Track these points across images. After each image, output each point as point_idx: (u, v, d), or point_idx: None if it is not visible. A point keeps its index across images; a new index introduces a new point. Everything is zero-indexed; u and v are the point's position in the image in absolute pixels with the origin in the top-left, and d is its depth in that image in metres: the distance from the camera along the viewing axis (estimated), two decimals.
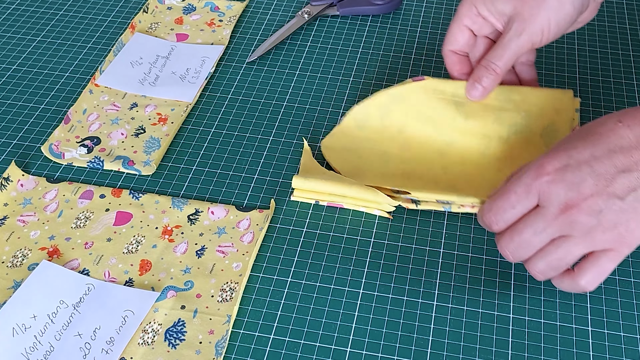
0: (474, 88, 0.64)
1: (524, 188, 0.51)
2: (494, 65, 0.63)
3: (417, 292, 0.57)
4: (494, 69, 0.63)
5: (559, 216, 0.50)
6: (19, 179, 0.65)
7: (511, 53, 0.62)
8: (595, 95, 0.74)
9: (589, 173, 0.50)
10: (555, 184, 0.50)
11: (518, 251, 0.53)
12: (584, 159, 0.50)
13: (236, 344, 0.54)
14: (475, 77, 0.64)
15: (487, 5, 0.63)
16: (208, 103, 0.73)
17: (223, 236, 0.61)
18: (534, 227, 0.51)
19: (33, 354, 0.52)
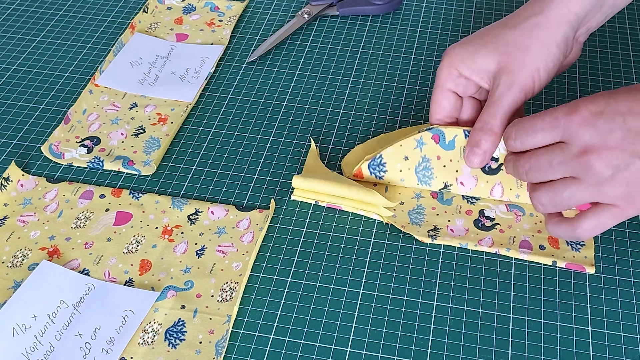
0: (474, 154, 0.58)
1: (552, 120, 0.51)
2: (489, 125, 0.57)
3: (417, 292, 0.57)
4: (491, 129, 0.57)
5: (578, 157, 0.50)
6: (19, 179, 0.65)
7: (505, 109, 0.57)
8: None
9: (620, 126, 0.49)
10: (584, 126, 0.49)
11: (532, 172, 0.53)
12: (620, 111, 0.49)
13: (236, 344, 0.54)
14: (473, 142, 0.58)
15: (467, 64, 0.59)
16: (208, 103, 0.73)
17: (223, 236, 0.61)
18: (552, 158, 0.51)
19: (33, 354, 0.52)
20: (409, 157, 0.62)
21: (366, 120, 0.71)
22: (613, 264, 0.59)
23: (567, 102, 0.52)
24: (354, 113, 0.72)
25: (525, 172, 0.53)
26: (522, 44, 0.57)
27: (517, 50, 0.57)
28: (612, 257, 0.59)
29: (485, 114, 0.58)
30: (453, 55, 0.60)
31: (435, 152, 0.61)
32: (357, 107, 0.73)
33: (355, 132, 0.70)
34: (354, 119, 0.71)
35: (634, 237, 0.61)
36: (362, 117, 0.72)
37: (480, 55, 0.58)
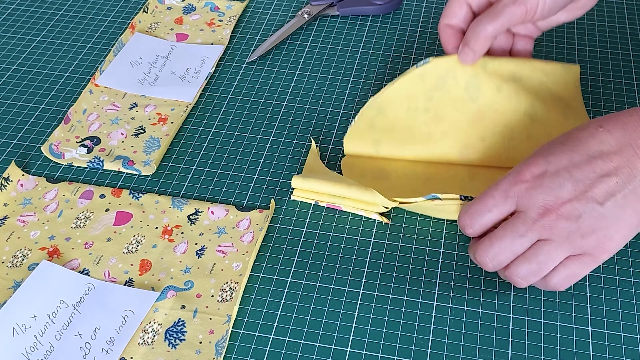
0: (464, 52, 0.62)
1: (501, 193, 0.51)
2: (482, 27, 0.61)
3: (417, 292, 0.57)
4: (484, 31, 0.61)
5: (539, 220, 0.50)
6: (19, 179, 0.65)
7: (504, 18, 0.60)
8: (595, 95, 0.74)
9: (567, 179, 0.50)
10: (533, 189, 0.50)
11: (498, 257, 0.52)
12: (563, 166, 0.50)
13: (236, 344, 0.54)
14: (466, 40, 0.62)
15: None
16: (208, 103, 0.73)
17: (223, 236, 0.61)
18: (514, 232, 0.51)
19: (33, 354, 0.52)
20: None
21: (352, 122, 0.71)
22: (613, 264, 0.59)
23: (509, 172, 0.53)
24: (354, 113, 0.72)
25: (491, 259, 0.53)
26: None
27: None
28: (612, 257, 0.59)
29: (483, 17, 0.61)
30: None
31: None
32: (357, 107, 0.73)
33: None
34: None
35: (634, 237, 0.61)
36: None
37: None
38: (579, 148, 0.50)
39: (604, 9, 0.85)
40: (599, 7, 0.85)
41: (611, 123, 0.50)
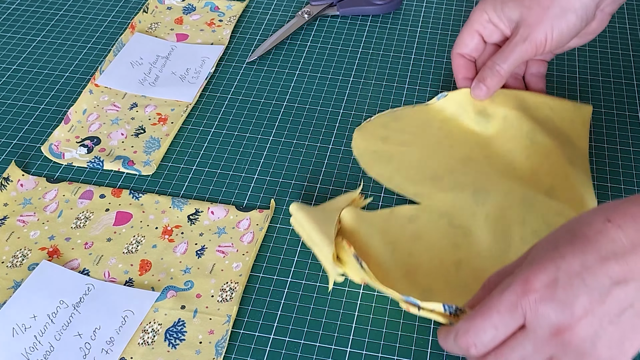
0: (479, 88, 0.67)
1: (508, 306, 0.45)
2: (498, 67, 0.66)
3: None
4: (498, 71, 0.66)
5: (550, 340, 0.45)
6: (19, 179, 0.65)
7: (516, 56, 0.65)
8: (595, 95, 0.74)
9: (581, 288, 0.44)
10: (544, 303, 0.44)
11: None
12: (575, 271, 0.44)
13: (236, 344, 0.54)
14: (480, 77, 0.67)
15: (497, 12, 0.66)
16: (208, 103, 0.73)
17: (223, 236, 0.61)
18: (522, 352, 0.45)
19: (33, 354, 0.52)
20: None
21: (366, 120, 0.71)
22: None
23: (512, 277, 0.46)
24: (354, 113, 0.72)
25: None
26: (544, 3, 0.64)
27: (538, 8, 0.64)
28: None
29: (498, 56, 0.66)
30: (486, 2, 0.67)
31: None
32: (357, 107, 0.73)
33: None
34: (354, 119, 0.71)
35: None
36: (362, 117, 0.72)
37: (508, 6, 0.66)
38: (589, 249, 0.45)
39: None
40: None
41: (620, 216, 0.45)
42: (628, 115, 0.71)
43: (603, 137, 0.69)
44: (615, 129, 0.70)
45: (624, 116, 0.71)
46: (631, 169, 0.66)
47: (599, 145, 0.68)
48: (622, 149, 0.68)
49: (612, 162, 0.67)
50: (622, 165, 0.67)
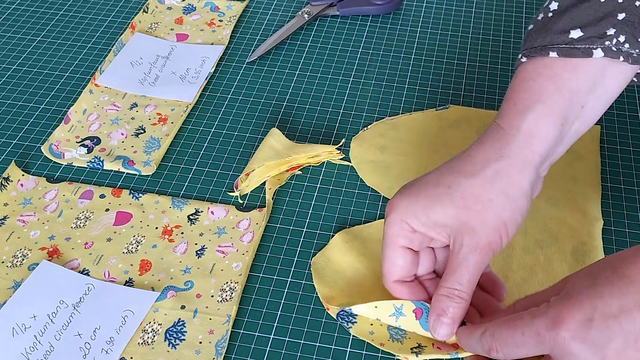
0: (440, 323, 0.50)
1: (533, 334, 0.43)
2: (456, 292, 0.49)
3: None
4: (459, 296, 0.49)
5: None
6: (19, 179, 0.65)
7: (472, 271, 0.49)
8: None
9: (617, 332, 0.41)
10: (576, 342, 0.41)
11: None
12: (612, 313, 0.41)
13: (236, 344, 0.54)
14: (439, 310, 0.50)
15: (420, 218, 0.50)
16: (208, 103, 0.73)
17: (223, 236, 0.61)
18: None
19: (33, 354, 0.52)
20: (382, 321, 0.53)
21: (366, 120, 0.71)
22: None
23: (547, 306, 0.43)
24: (354, 113, 0.72)
25: None
26: (483, 197, 0.49)
27: (477, 204, 0.49)
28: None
29: (450, 279, 0.49)
30: (402, 209, 0.50)
31: (413, 328, 0.52)
32: (357, 107, 0.73)
33: (356, 132, 0.70)
34: (354, 119, 0.71)
35: (634, 236, 0.61)
36: (362, 117, 0.72)
37: (435, 212, 0.49)
38: (630, 290, 0.42)
39: None
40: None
41: None
42: (628, 116, 0.71)
43: (603, 137, 0.69)
44: (615, 129, 0.70)
45: (624, 116, 0.71)
46: (631, 169, 0.66)
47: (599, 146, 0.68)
48: (622, 149, 0.68)
49: (612, 162, 0.67)
50: (622, 165, 0.67)
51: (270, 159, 0.64)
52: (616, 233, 0.61)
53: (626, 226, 0.61)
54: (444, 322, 0.49)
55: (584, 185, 0.64)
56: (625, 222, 0.62)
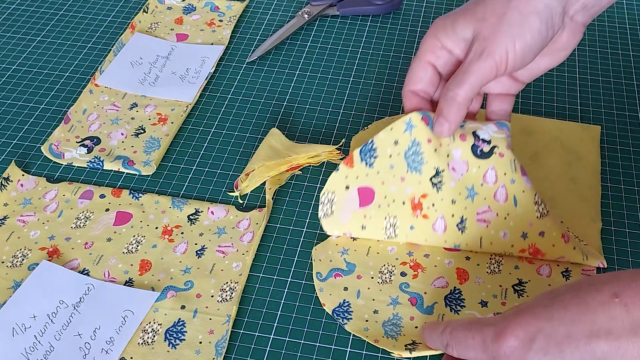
0: (439, 123, 0.54)
1: (481, 343, 0.44)
2: (452, 93, 0.53)
3: None
4: (453, 97, 0.53)
5: None
6: (19, 179, 0.65)
7: (473, 78, 0.52)
8: (595, 96, 0.74)
9: (556, 358, 0.41)
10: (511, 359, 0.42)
11: None
12: (557, 337, 0.41)
13: (236, 344, 0.54)
14: (438, 110, 0.55)
15: (449, 34, 0.54)
16: (208, 103, 0.73)
17: (223, 236, 0.61)
18: None
19: (33, 354, 0.52)
20: (399, 142, 0.57)
21: (366, 120, 0.71)
22: (613, 264, 0.59)
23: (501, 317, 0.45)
24: (354, 113, 0.72)
25: None
26: (499, 11, 0.52)
27: (493, 17, 0.52)
28: (612, 257, 0.59)
29: (452, 81, 0.53)
30: (437, 25, 0.55)
31: (426, 135, 0.56)
32: (357, 107, 0.73)
33: (356, 132, 0.70)
34: (354, 119, 0.71)
35: (634, 237, 0.61)
36: (362, 117, 0.72)
37: (459, 24, 0.54)
38: (582, 319, 0.41)
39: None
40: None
41: (630, 295, 0.40)
42: (628, 116, 0.71)
43: (603, 138, 0.69)
44: (615, 129, 0.70)
45: (624, 116, 0.71)
46: (631, 169, 0.66)
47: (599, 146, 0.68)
48: (622, 149, 0.68)
49: (611, 162, 0.67)
50: (622, 165, 0.67)
51: (270, 159, 0.64)
52: (616, 233, 0.61)
53: (626, 226, 0.61)
54: (442, 123, 0.54)
55: (583, 186, 0.63)
56: (625, 222, 0.62)
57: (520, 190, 0.55)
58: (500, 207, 0.56)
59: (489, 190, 0.56)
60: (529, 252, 0.57)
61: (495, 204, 0.56)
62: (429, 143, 0.56)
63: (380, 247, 0.59)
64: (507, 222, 0.56)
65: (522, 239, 0.56)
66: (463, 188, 0.56)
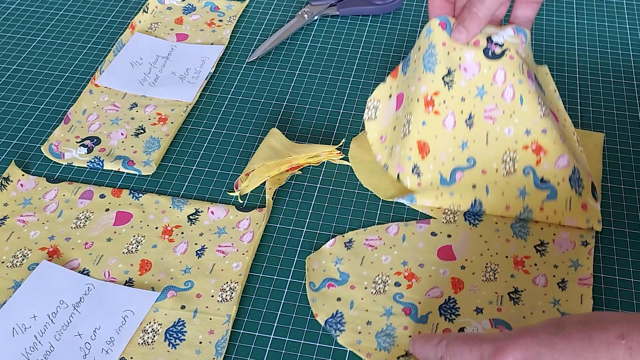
0: (458, 30, 0.58)
1: (477, 357, 0.44)
2: (475, 9, 0.57)
3: None
4: (476, 13, 0.57)
5: None
6: (19, 179, 0.65)
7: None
8: (595, 96, 0.74)
9: None
10: None
11: None
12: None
13: (236, 344, 0.54)
14: (460, 18, 0.58)
15: None
16: (208, 103, 0.73)
17: (223, 236, 0.61)
18: None
19: (33, 354, 0.52)
20: (421, 47, 0.61)
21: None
22: (613, 264, 0.59)
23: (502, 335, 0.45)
24: (354, 113, 0.72)
25: None
26: None
27: None
28: (612, 257, 0.59)
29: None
30: None
31: (441, 39, 0.59)
32: (357, 107, 0.73)
33: (356, 132, 0.70)
34: (354, 119, 0.71)
35: (634, 237, 0.61)
36: (362, 118, 0.71)
37: None
38: (584, 355, 0.40)
39: (604, 9, 0.85)
40: (599, 7, 0.85)
41: (637, 340, 0.40)
42: (628, 116, 0.72)
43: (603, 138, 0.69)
44: (615, 129, 0.70)
45: (624, 116, 0.71)
46: (631, 169, 0.66)
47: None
48: (622, 149, 0.68)
49: (611, 162, 0.67)
50: (622, 165, 0.67)
51: (270, 159, 0.64)
52: (616, 233, 0.61)
53: (626, 226, 0.61)
54: (461, 31, 0.57)
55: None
56: (625, 222, 0.62)
57: (526, 91, 0.59)
58: (507, 105, 0.59)
59: (497, 89, 0.59)
60: (532, 148, 0.58)
61: (503, 102, 0.59)
62: (443, 46, 0.60)
63: (374, 256, 0.59)
64: (512, 120, 0.59)
65: (526, 135, 0.58)
66: (473, 87, 0.59)
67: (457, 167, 0.61)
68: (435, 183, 0.61)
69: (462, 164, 0.61)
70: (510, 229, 0.60)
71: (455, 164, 0.61)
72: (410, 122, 0.61)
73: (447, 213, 0.61)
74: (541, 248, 0.59)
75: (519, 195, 0.59)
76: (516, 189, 0.60)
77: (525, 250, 0.59)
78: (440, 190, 0.61)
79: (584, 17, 0.84)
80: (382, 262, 0.58)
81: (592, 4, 0.86)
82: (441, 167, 0.61)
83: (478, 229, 0.60)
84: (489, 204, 0.61)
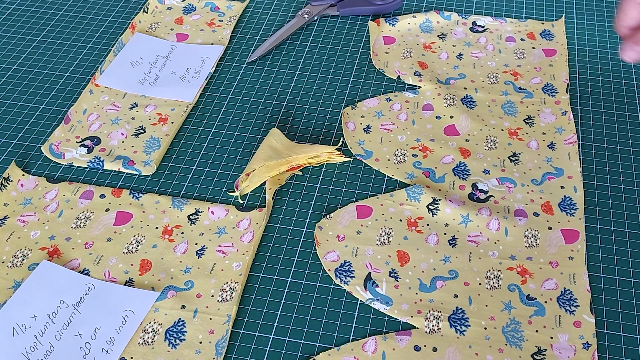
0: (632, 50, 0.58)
1: None
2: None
3: None
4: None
5: None
6: (19, 179, 0.65)
7: None
8: (595, 95, 0.74)
9: None
10: None
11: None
12: None
13: (236, 344, 0.54)
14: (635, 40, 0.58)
15: None
16: (208, 103, 0.73)
17: (223, 236, 0.61)
18: None
19: (33, 354, 0.52)
20: None
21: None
22: (613, 264, 0.59)
23: None
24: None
25: None
26: None
27: None
28: (612, 257, 0.59)
29: None
30: None
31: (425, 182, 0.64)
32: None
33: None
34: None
35: (634, 237, 0.61)
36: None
37: None
38: None
39: (603, 9, 0.85)
40: (599, 7, 0.85)
41: None
42: (628, 116, 0.72)
43: (603, 138, 0.69)
44: (615, 129, 0.70)
45: (624, 116, 0.71)
46: (631, 169, 0.66)
47: (599, 146, 0.68)
48: (622, 149, 0.68)
49: (611, 162, 0.67)
50: (622, 165, 0.67)
51: (270, 159, 0.64)
52: (616, 233, 0.61)
53: (626, 226, 0.61)
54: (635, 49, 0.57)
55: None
56: (625, 223, 0.62)
57: (511, 225, 0.61)
58: (492, 234, 0.60)
59: (482, 220, 0.61)
60: (517, 270, 0.58)
61: (487, 231, 0.61)
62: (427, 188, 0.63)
63: None
64: (496, 246, 0.60)
65: (511, 260, 0.59)
66: (457, 215, 0.61)
67: (438, 276, 0.58)
68: (414, 288, 0.57)
69: (443, 274, 0.58)
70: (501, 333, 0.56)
71: (436, 274, 0.58)
72: (390, 235, 0.60)
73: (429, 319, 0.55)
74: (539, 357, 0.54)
75: (505, 309, 0.55)
76: (501, 302, 0.56)
77: None
78: (420, 296, 0.57)
79: (584, 16, 0.84)
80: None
81: (592, 4, 0.86)
82: (421, 275, 0.58)
83: None
84: (472, 313, 0.55)
